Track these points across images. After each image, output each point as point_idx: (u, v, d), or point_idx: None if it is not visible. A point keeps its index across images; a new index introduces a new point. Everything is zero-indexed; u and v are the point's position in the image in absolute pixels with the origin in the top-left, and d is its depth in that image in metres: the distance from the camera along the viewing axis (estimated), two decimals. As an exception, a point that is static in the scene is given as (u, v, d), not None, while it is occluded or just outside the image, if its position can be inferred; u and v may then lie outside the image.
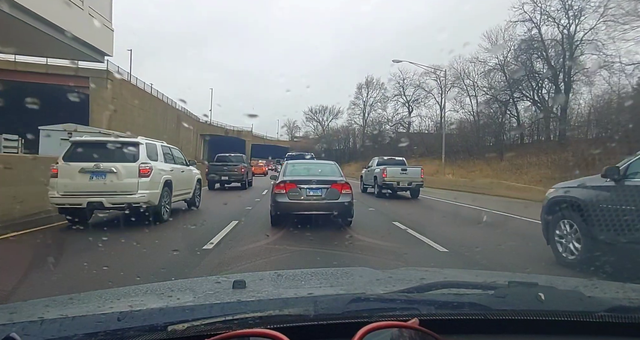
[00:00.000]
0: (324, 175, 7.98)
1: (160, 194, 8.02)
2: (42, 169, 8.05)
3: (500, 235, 7.66)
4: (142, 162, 7.74)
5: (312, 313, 1.00)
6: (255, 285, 1.44)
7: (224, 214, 9.42)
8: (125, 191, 7.47)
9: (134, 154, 7.78)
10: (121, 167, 7.54)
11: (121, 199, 7.42)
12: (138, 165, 7.66)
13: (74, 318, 0.98)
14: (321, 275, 1.80)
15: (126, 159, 7.70)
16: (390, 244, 6.34)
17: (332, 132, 72.23)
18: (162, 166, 8.42)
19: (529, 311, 1.06)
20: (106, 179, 7.41)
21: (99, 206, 7.43)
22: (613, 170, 4.63)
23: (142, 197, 7.53)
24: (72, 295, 1.31)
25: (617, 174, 4.59)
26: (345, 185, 7.59)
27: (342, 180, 7.71)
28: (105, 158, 7.57)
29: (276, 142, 75.81)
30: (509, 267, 5.04)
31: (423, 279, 1.49)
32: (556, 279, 1.68)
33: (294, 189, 7.40)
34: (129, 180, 7.53)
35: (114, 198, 7.41)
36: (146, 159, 7.87)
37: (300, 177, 7.81)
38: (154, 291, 1.43)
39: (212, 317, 0.95)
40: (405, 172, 15.38)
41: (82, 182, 7.36)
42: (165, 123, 49.79)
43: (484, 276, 1.79)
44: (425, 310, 1.04)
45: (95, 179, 7.43)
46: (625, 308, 1.08)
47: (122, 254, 5.32)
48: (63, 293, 1.47)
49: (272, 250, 5.68)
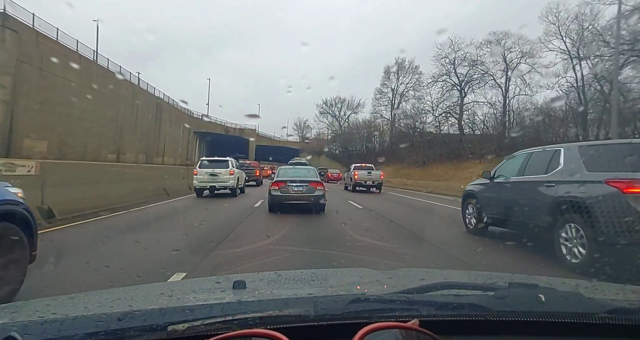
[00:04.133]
0: (305, 177, 11.08)
1: (236, 183, 16.12)
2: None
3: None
4: (230, 168, 15.73)
5: (312, 313, 1.00)
6: (255, 285, 1.44)
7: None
8: (224, 181, 15.46)
9: (228, 164, 15.91)
10: (222, 171, 15.49)
11: (223, 185, 15.45)
12: (229, 170, 15.64)
13: (75, 318, 0.98)
14: (321, 275, 1.80)
15: (224, 167, 15.68)
16: (390, 245, 6.36)
17: (350, 129, 60.27)
18: (236, 170, 16.34)
19: (529, 312, 1.06)
20: (217, 176, 15.39)
21: (213, 189, 15.53)
22: (487, 174, 7.35)
23: (231, 183, 15.64)
24: (72, 295, 1.31)
25: (489, 176, 7.24)
26: (320, 183, 10.78)
27: (317, 180, 10.93)
28: (215, 166, 15.67)
29: (285, 143, 67.97)
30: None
31: (423, 280, 1.49)
32: (556, 280, 1.68)
33: (284, 186, 10.57)
34: (226, 177, 15.50)
35: (220, 184, 15.39)
36: (232, 167, 15.91)
37: (288, 178, 10.91)
38: (155, 291, 1.44)
39: (212, 317, 0.95)
40: (370, 174, 22.00)
41: (207, 177, 15.35)
42: (134, 114, 38.48)
43: (484, 277, 1.79)
44: (425, 311, 1.04)
45: (212, 176, 15.40)
46: (625, 310, 1.08)
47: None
48: (64, 292, 1.47)
49: (272, 250, 5.68)
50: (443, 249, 6.28)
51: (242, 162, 24.34)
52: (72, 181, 9.77)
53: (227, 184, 15.50)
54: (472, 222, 7.61)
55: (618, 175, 4.56)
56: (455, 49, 40.37)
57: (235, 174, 15.96)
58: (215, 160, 16.37)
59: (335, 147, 62.22)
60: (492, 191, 7.10)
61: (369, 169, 22.40)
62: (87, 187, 10.23)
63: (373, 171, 22.25)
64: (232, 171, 15.70)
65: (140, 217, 9.58)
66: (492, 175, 7.17)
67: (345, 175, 24.94)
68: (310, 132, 73.39)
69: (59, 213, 8.28)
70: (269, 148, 62.87)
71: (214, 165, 15.66)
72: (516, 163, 6.72)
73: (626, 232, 4.32)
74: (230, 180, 15.56)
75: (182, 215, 10.37)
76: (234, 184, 15.77)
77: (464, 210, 7.95)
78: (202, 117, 57.86)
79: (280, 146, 64.85)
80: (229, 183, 15.51)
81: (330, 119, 66.51)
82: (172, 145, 48.38)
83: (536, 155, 6.30)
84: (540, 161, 6.02)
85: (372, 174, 21.94)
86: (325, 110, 65.38)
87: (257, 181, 25.87)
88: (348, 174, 23.61)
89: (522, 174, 6.35)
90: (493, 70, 38.77)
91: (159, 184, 15.36)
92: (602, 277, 4.04)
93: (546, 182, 5.57)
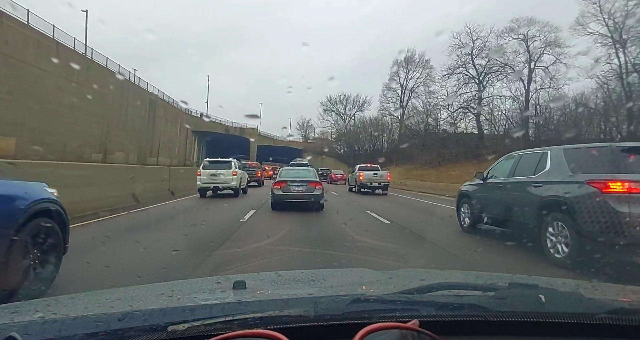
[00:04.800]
0: (305, 177, 11.89)
1: (239, 183, 16.19)
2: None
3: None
4: (233, 169, 15.96)
5: (312, 314, 1.00)
6: (256, 285, 1.44)
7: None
8: (227, 182, 15.66)
9: (231, 164, 16.09)
10: (225, 171, 15.69)
11: (226, 185, 15.64)
12: (232, 170, 15.86)
13: (75, 318, 0.98)
14: (321, 276, 1.80)
15: (227, 168, 15.86)
16: (391, 245, 6.35)
17: (356, 128, 56.22)
18: (239, 171, 16.59)
19: (529, 313, 1.06)
20: (219, 177, 15.59)
21: (216, 189, 15.63)
22: (480, 175, 7.75)
23: (234, 184, 15.77)
24: (73, 295, 1.31)
25: (482, 177, 7.61)
26: (318, 183, 11.53)
27: (316, 180, 11.72)
28: (219, 167, 15.82)
29: (287, 143, 65.99)
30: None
31: (423, 280, 1.49)
32: (556, 281, 1.68)
33: (285, 186, 11.29)
34: (229, 177, 15.70)
35: (223, 184, 15.60)
36: (235, 167, 16.17)
37: (289, 178, 11.70)
38: (155, 291, 1.44)
39: (212, 318, 0.95)
40: (376, 175, 20.80)
41: (210, 178, 15.52)
42: (123, 111, 35.26)
43: (484, 278, 1.79)
44: (426, 311, 1.04)
45: (215, 176, 15.58)
46: (626, 310, 1.08)
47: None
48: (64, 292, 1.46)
49: (272, 250, 5.68)
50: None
51: (244, 163, 24.44)
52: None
53: (230, 185, 15.70)
54: (465, 221, 8.00)
55: (598, 177, 4.84)
56: (473, 37, 35.92)
57: (238, 175, 16.15)
58: (218, 161, 16.50)
59: (340, 147, 59.52)
60: (485, 191, 7.45)
61: (375, 170, 21.53)
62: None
63: (379, 172, 21.38)
64: (235, 172, 15.94)
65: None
66: (485, 176, 7.55)
67: (349, 176, 23.98)
68: (313, 131, 71.14)
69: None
70: (270, 148, 61.59)
71: (217, 166, 15.85)
72: (508, 164, 7.08)
73: (605, 230, 4.60)
74: (233, 181, 15.75)
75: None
76: (237, 184, 15.95)
77: (459, 210, 8.36)
78: (202, 115, 55.80)
79: (282, 146, 63.58)
80: (232, 184, 15.71)
81: (334, 117, 62.99)
82: (168, 145, 45.89)
83: (526, 157, 6.65)
84: (529, 163, 6.35)
85: (379, 175, 21.03)
86: (329, 107, 61.82)
87: (258, 182, 26.20)
88: (353, 175, 22.79)
89: (513, 174, 6.66)
90: (514, 62, 34.49)
91: (125, 189, 11.79)
92: (579, 272, 4.43)
93: (534, 183, 5.86)
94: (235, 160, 17.05)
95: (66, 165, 12.19)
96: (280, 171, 13.18)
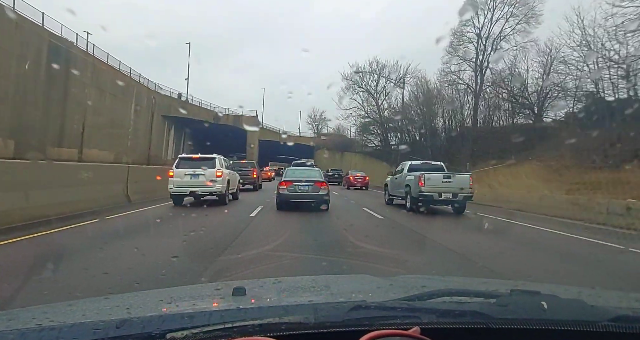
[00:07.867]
0: (310, 177, 12.17)
1: (226, 187, 12.91)
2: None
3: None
4: (217, 169, 12.54)
5: (312, 321, 0.99)
6: (255, 292, 1.43)
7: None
8: (209, 186, 12.20)
9: (214, 163, 12.69)
10: (207, 172, 12.33)
11: (207, 190, 12.26)
12: (215, 170, 12.46)
13: (72, 325, 0.97)
14: (321, 282, 1.79)
15: (209, 167, 12.44)
16: (391, 251, 6.33)
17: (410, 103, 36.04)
18: (225, 171, 13.12)
19: (531, 320, 1.05)
20: (198, 178, 12.26)
21: (194, 194, 12.34)
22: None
23: (218, 188, 12.39)
24: (70, 302, 1.30)
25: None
26: (323, 183, 12.00)
27: (322, 180, 12.15)
28: (198, 166, 12.36)
29: (297, 139, 55.28)
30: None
31: (424, 287, 1.48)
32: (558, 287, 1.67)
33: (291, 185, 11.65)
34: (212, 179, 12.25)
35: (204, 189, 12.20)
36: (219, 166, 12.69)
37: (295, 178, 12.03)
38: (153, 298, 1.43)
39: (211, 325, 0.94)
40: (449, 180, 12.32)
41: (186, 181, 12.21)
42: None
43: (486, 284, 1.78)
44: (427, 318, 1.03)
45: (193, 178, 12.28)
46: (629, 318, 1.07)
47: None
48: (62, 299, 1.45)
49: (272, 257, 5.66)
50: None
51: (236, 162, 20.78)
52: None
53: (214, 189, 12.18)
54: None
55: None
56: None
57: (224, 176, 12.59)
58: (197, 158, 12.97)
59: (367, 139, 43.60)
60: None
61: (441, 170, 13.91)
62: None
63: (457, 174, 13.03)
64: (219, 172, 12.39)
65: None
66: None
67: (389, 179, 15.94)
68: (326, 126, 60.52)
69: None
70: (276, 145, 52.05)
71: (195, 165, 12.36)
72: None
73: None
74: (218, 184, 12.20)
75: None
76: (223, 188, 12.44)
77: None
78: (180, 96, 41.28)
79: (290, 143, 53.86)
80: (215, 188, 12.17)
81: (360, 98, 42.30)
82: (103, 130, 28.81)
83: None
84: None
85: (455, 181, 12.29)
86: (350, 84, 41.85)
87: (254, 184, 21.05)
88: (398, 178, 14.53)
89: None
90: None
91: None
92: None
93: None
94: (220, 157, 13.41)
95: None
96: (286, 171, 13.31)
